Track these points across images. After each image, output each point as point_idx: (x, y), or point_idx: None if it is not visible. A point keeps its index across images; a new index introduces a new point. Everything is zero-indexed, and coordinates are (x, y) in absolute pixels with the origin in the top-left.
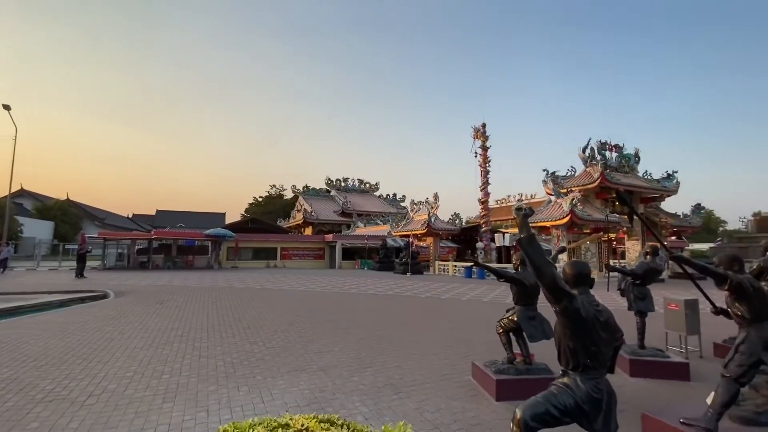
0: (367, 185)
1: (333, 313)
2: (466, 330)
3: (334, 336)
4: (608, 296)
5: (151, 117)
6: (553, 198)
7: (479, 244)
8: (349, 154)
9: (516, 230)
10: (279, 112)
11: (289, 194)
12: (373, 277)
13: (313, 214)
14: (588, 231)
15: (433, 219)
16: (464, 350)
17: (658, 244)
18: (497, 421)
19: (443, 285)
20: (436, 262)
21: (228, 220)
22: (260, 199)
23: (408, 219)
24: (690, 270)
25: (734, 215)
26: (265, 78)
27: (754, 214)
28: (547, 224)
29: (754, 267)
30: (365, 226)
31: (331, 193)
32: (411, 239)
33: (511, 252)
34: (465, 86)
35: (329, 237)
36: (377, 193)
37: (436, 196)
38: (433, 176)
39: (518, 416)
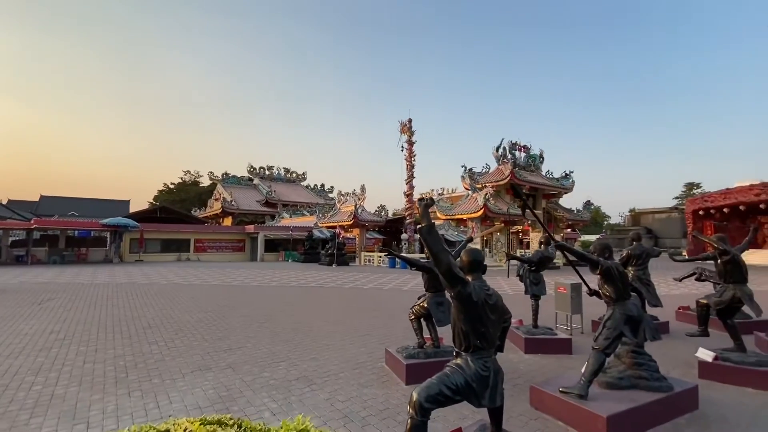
0: (294, 175)
1: (249, 307)
2: (385, 318)
3: (247, 332)
4: (511, 281)
5: (35, 88)
6: (470, 192)
7: (404, 236)
8: (276, 142)
9: (437, 221)
10: (195, 92)
11: (206, 181)
12: (298, 269)
13: (233, 203)
14: (499, 223)
15: (359, 210)
16: (382, 338)
17: (559, 236)
18: (405, 404)
19: (368, 275)
20: (362, 253)
21: (133, 208)
22: (172, 186)
23: (335, 210)
24: (570, 256)
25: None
26: (184, 55)
27: (630, 211)
28: (464, 216)
29: (624, 254)
30: (291, 216)
31: (254, 182)
32: (338, 230)
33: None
34: (394, 81)
35: (251, 228)
36: (305, 183)
37: (363, 188)
38: (362, 168)
39: (414, 398)
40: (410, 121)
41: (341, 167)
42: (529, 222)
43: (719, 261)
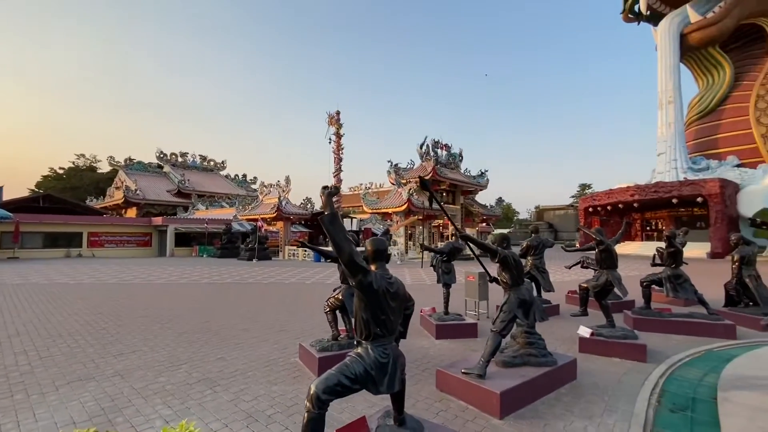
0: (212, 163)
1: (151, 307)
2: (304, 313)
3: (145, 334)
4: (429, 271)
5: None
6: (395, 187)
7: None
8: (193, 129)
9: (363, 216)
10: (91, 62)
11: (105, 167)
12: (213, 264)
13: (138, 192)
14: (422, 217)
15: (284, 203)
16: (298, 333)
17: (474, 230)
18: None
19: (290, 270)
20: (286, 247)
21: (8, 196)
22: (61, 172)
23: (258, 202)
24: (473, 246)
25: (524, 207)
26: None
27: (535, 207)
28: (390, 210)
29: (524, 245)
30: (207, 208)
31: (165, 170)
32: (259, 223)
33: (360, 236)
34: (324, 73)
35: (158, 220)
36: (224, 173)
37: (288, 180)
38: (288, 160)
39: (311, 391)
40: (338, 113)
41: (266, 158)
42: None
43: (597, 250)
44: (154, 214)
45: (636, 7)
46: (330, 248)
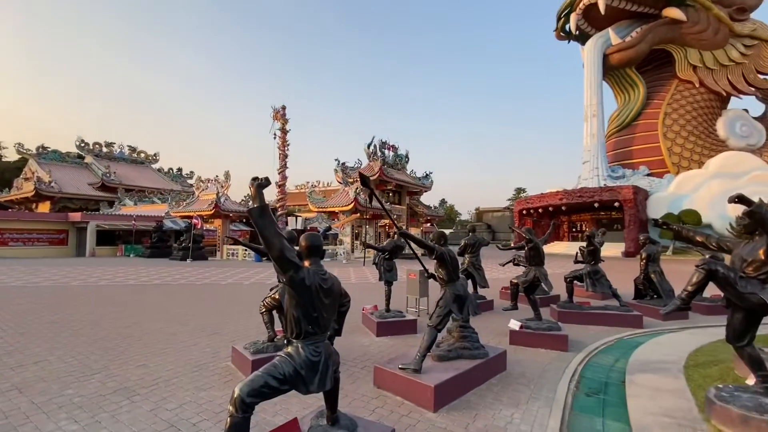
0: (143, 155)
1: (63, 312)
2: (240, 314)
3: (53, 342)
4: (373, 269)
5: None
6: (342, 186)
7: None
8: (123, 117)
9: (309, 214)
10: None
11: (12, 155)
12: (141, 265)
13: (52, 184)
14: (368, 217)
15: (222, 199)
16: (232, 336)
17: (419, 229)
18: None
19: (228, 270)
20: (225, 247)
21: None
22: None
23: (193, 198)
24: (413, 244)
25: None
26: None
27: (476, 209)
28: (336, 209)
29: (462, 243)
30: (136, 204)
31: (87, 160)
32: (195, 221)
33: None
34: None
35: (77, 216)
36: (156, 166)
37: (227, 175)
38: (230, 155)
39: (235, 394)
40: (284, 108)
41: (206, 152)
42: (395, 216)
43: (527, 248)
44: (72, 209)
45: (567, 27)
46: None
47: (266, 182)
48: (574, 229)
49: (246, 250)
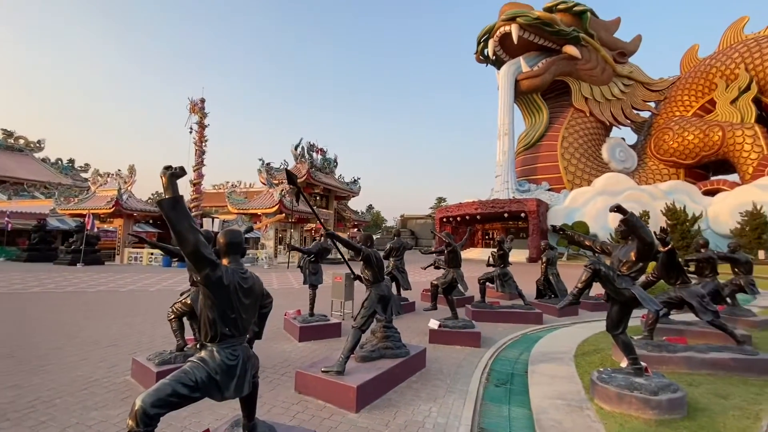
0: (21, 141)
1: None
2: (143, 324)
3: None
4: (295, 274)
5: None
6: (266, 187)
7: None
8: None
9: (228, 216)
10: None
11: None
12: (15, 270)
13: None
14: (294, 220)
15: (125, 196)
16: (134, 347)
17: (346, 234)
18: None
19: (130, 276)
20: (126, 250)
21: None
22: None
23: (88, 194)
24: (339, 245)
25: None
26: None
27: (401, 216)
28: (259, 212)
29: (387, 247)
30: (10, 198)
31: None
32: (88, 219)
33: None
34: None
35: None
36: (41, 155)
37: (132, 169)
38: (135, 148)
39: (136, 406)
40: (203, 101)
41: (108, 145)
42: (324, 219)
43: (446, 251)
44: None
45: (486, 51)
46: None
47: (181, 172)
48: (487, 237)
49: (152, 253)
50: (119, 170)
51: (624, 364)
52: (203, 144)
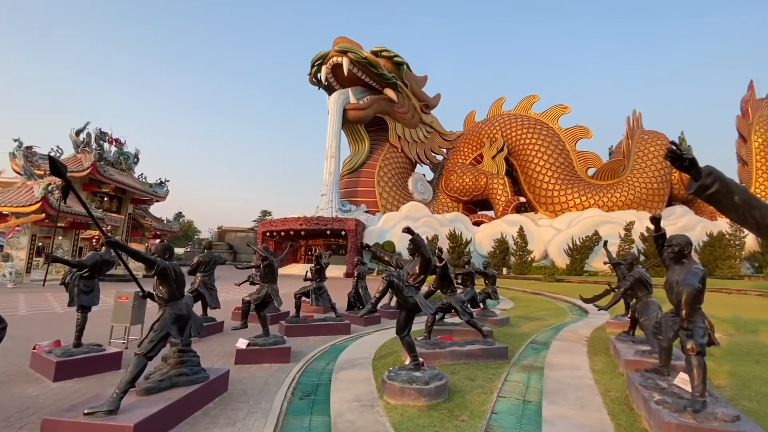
0: None
1: None
2: None
3: None
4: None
5: None
6: (23, 178)
7: None
8: None
9: None
10: None
11: None
12: None
13: None
14: (66, 225)
15: None
16: None
17: (144, 245)
18: None
19: None
20: None
21: None
22: None
23: None
24: (122, 254)
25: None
26: None
27: (218, 227)
28: (7, 210)
29: (195, 261)
30: None
31: None
32: None
33: None
34: None
35: None
36: None
37: None
38: None
39: None
40: None
41: None
42: (110, 227)
43: (262, 265)
44: None
45: (318, 75)
46: None
47: None
48: (309, 253)
49: None
50: None
51: (408, 361)
52: None
